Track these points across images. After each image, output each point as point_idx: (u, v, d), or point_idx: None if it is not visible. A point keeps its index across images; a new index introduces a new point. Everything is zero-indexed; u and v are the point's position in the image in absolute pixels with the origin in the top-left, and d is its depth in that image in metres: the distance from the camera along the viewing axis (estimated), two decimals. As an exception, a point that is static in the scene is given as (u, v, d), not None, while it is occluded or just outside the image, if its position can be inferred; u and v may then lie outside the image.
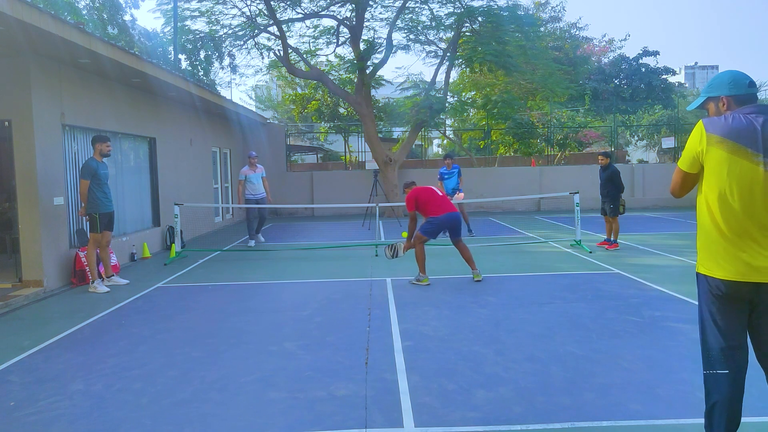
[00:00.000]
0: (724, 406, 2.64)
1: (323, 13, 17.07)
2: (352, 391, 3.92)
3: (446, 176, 11.98)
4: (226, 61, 18.88)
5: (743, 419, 3.35)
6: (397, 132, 27.60)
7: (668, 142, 24.93)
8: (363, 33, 17.01)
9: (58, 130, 7.79)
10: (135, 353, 4.85)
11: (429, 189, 7.45)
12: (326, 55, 21.12)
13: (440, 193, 7.45)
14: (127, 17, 21.10)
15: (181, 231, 10.36)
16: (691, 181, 2.74)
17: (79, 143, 8.46)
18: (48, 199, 7.49)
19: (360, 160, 24.11)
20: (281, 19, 16.66)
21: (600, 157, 10.03)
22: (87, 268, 7.66)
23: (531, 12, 22.70)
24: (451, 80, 18.63)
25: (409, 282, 7.41)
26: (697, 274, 2.76)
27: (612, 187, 9.80)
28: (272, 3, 15.87)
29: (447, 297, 6.63)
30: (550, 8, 27.18)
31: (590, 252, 9.50)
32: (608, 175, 9.85)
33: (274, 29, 16.80)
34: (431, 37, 17.74)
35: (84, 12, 19.23)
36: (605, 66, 27.79)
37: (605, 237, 10.16)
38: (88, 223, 7.59)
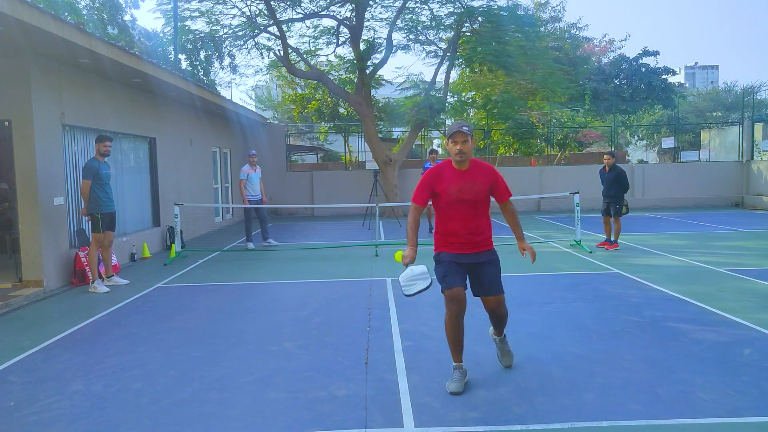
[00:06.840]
0: None
1: (323, 13, 17.07)
2: (352, 391, 3.92)
3: None
4: (226, 61, 18.91)
5: (743, 419, 3.36)
6: (397, 132, 27.60)
7: (668, 142, 24.94)
8: (363, 33, 17.01)
9: (58, 130, 7.79)
10: (135, 353, 4.85)
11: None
12: (326, 55, 21.08)
13: None
14: (127, 17, 21.11)
15: (181, 231, 10.35)
16: None
17: (79, 143, 8.47)
18: (48, 199, 7.49)
19: (360, 160, 24.14)
20: (281, 19, 16.66)
21: (606, 157, 9.94)
22: (87, 268, 7.66)
23: (531, 12, 22.69)
24: (451, 80, 18.62)
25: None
26: None
27: (618, 187, 9.75)
28: (272, 3, 15.86)
29: (447, 297, 6.63)
30: (550, 8, 27.21)
31: (590, 252, 9.50)
32: (614, 176, 9.77)
33: (274, 29, 16.80)
34: (431, 37, 17.73)
35: (84, 12, 19.22)
36: (605, 66, 27.78)
37: (605, 237, 10.15)
38: (89, 223, 7.60)
